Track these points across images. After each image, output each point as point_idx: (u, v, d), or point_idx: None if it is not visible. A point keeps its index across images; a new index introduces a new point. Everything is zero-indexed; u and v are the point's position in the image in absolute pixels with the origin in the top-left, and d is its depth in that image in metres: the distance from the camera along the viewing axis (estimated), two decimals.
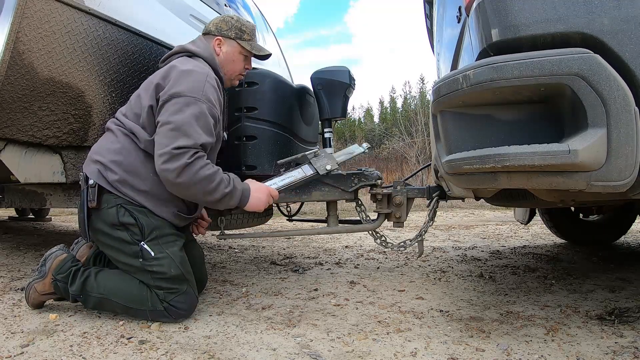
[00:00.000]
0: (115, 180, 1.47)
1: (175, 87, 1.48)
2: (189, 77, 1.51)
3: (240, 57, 1.76)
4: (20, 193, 2.53)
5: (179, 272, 1.45)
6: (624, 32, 1.03)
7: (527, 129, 1.14)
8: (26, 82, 1.60)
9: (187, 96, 1.46)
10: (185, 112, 1.44)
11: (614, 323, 1.41)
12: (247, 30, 1.76)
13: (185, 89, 1.48)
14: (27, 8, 1.53)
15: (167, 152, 1.39)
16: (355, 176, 2.04)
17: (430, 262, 2.54)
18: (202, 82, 1.52)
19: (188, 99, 1.46)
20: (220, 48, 1.73)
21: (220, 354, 1.21)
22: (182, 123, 1.42)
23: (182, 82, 1.49)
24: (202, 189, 1.43)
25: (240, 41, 1.74)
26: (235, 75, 1.79)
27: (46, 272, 1.53)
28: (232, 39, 1.74)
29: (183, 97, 1.46)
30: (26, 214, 5.38)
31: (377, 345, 1.28)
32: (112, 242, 1.48)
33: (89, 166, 1.53)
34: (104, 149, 1.54)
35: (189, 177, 1.40)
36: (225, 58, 1.74)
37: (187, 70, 1.53)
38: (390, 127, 24.56)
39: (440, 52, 2.04)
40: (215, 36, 1.73)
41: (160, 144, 1.42)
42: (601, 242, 3.09)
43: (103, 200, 1.48)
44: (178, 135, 1.41)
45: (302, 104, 2.21)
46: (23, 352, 1.21)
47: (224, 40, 1.73)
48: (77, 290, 1.48)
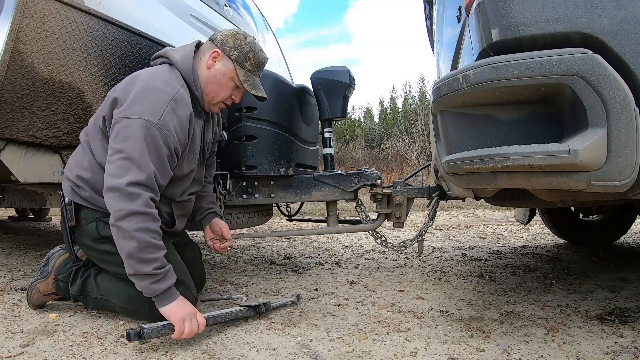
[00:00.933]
0: (87, 196, 1.43)
1: (131, 106, 1.32)
2: (150, 96, 1.34)
3: (230, 83, 1.51)
4: (20, 193, 2.53)
5: None
6: (624, 32, 1.03)
7: (527, 129, 1.14)
8: (26, 82, 1.60)
9: (141, 119, 1.29)
10: (135, 137, 1.28)
11: (614, 323, 1.41)
12: (252, 59, 1.51)
13: (141, 110, 1.31)
14: (27, 8, 1.53)
15: (118, 188, 1.25)
16: (355, 176, 2.04)
17: (430, 262, 2.54)
18: (163, 104, 1.33)
19: (141, 122, 1.29)
20: (214, 62, 1.50)
21: (220, 354, 1.21)
22: (131, 151, 1.27)
23: (140, 101, 1.33)
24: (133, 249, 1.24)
25: (238, 67, 1.50)
26: (216, 100, 1.53)
27: (49, 271, 1.53)
28: (231, 59, 1.50)
29: (136, 119, 1.30)
30: (26, 214, 5.38)
31: (377, 345, 1.28)
32: (98, 254, 1.47)
33: (64, 183, 1.49)
34: (73, 164, 1.48)
35: (131, 229, 1.23)
36: (214, 76, 1.49)
37: (149, 88, 1.36)
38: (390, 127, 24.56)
39: (440, 52, 2.04)
40: (216, 47, 1.51)
41: (111, 174, 1.28)
42: (601, 242, 3.09)
43: (82, 217, 1.44)
44: (130, 167, 1.27)
45: (302, 104, 2.21)
46: (23, 352, 1.21)
47: (222, 56, 1.50)
48: (78, 290, 1.48)
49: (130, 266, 1.27)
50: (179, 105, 1.38)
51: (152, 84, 1.37)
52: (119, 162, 1.29)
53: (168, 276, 1.30)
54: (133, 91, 1.35)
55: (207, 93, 1.51)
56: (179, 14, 2.26)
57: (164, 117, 1.32)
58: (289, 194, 2.09)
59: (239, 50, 1.50)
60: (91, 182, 1.42)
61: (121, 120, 1.31)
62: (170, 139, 1.33)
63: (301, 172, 2.18)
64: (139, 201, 1.26)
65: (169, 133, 1.33)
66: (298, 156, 2.17)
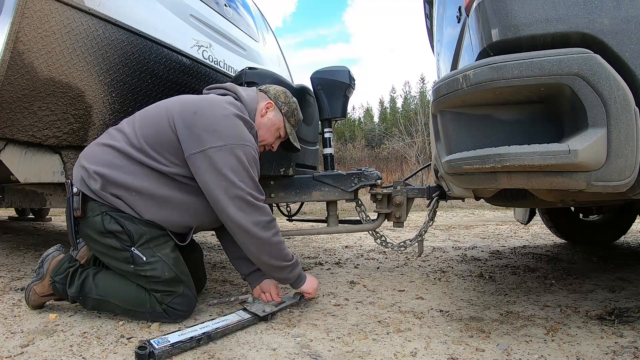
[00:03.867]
0: (96, 189, 1.43)
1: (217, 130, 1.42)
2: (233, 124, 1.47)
3: (276, 133, 1.71)
4: (20, 193, 2.53)
5: (173, 274, 1.44)
6: (624, 32, 1.03)
7: (527, 129, 1.14)
8: (26, 82, 1.60)
9: (238, 144, 1.44)
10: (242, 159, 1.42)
11: (614, 323, 1.41)
12: (296, 116, 1.75)
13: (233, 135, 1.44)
14: (27, 8, 1.53)
15: (243, 198, 1.40)
16: (355, 176, 2.04)
17: (430, 262, 2.54)
18: (247, 135, 1.50)
19: (240, 146, 1.43)
20: (266, 112, 1.68)
21: (220, 354, 1.21)
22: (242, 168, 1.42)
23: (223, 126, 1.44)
24: (273, 252, 1.47)
25: (286, 121, 1.71)
26: (262, 144, 1.70)
27: (44, 273, 1.53)
28: (281, 112, 1.70)
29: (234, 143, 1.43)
30: (26, 214, 5.38)
31: (377, 345, 1.28)
32: (102, 248, 1.47)
33: (76, 171, 1.50)
34: (93, 157, 1.48)
35: (268, 238, 1.44)
36: (265, 124, 1.67)
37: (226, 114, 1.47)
38: (390, 127, 24.57)
39: (440, 52, 2.04)
40: (269, 99, 1.70)
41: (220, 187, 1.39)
42: (601, 242, 3.09)
43: (88, 209, 1.45)
44: (244, 181, 1.42)
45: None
46: (23, 352, 1.21)
47: (274, 108, 1.69)
48: (76, 292, 1.47)
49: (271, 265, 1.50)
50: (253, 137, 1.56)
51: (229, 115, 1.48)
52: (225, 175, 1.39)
53: (297, 263, 1.56)
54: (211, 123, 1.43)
55: (258, 134, 1.65)
56: (179, 14, 2.26)
57: (253, 144, 1.50)
58: (289, 194, 2.10)
59: (288, 106, 1.72)
60: (108, 177, 1.43)
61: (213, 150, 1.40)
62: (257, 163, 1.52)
63: (301, 172, 2.18)
64: (267, 212, 1.46)
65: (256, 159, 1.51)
66: (298, 156, 2.17)
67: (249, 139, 1.48)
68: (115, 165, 1.44)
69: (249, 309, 1.48)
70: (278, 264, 1.49)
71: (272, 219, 1.47)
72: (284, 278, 1.55)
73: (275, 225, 1.48)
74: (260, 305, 1.51)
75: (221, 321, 1.38)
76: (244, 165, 1.42)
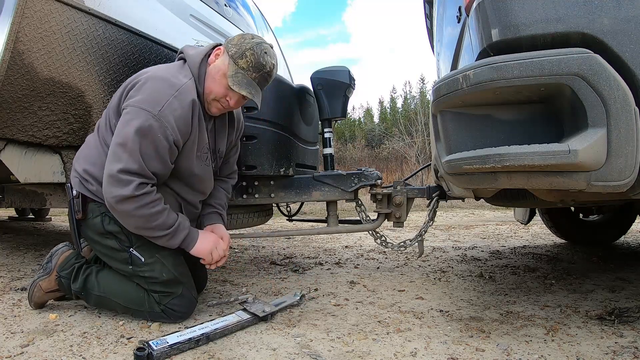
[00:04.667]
0: (94, 190, 1.44)
1: (135, 95, 1.34)
2: (154, 86, 1.35)
3: (224, 81, 1.42)
4: (20, 193, 2.53)
5: (172, 275, 1.44)
6: (624, 32, 1.03)
7: (527, 129, 1.14)
8: (26, 82, 1.60)
9: (141, 109, 1.31)
10: (131, 127, 1.30)
11: (614, 323, 1.41)
12: (250, 57, 1.41)
13: (143, 99, 1.32)
14: (27, 8, 1.53)
15: (112, 175, 1.30)
16: (355, 176, 2.04)
17: (430, 262, 2.54)
18: (165, 95, 1.33)
19: (139, 111, 1.31)
20: (215, 59, 1.47)
21: (220, 354, 1.21)
22: (126, 139, 1.30)
23: (144, 91, 1.34)
24: (139, 224, 1.35)
25: (231, 62, 1.42)
26: (210, 98, 1.45)
27: (52, 268, 1.54)
28: (229, 55, 1.43)
29: (137, 108, 1.31)
30: (26, 214, 5.38)
31: (377, 345, 1.28)
32: (103, 249, 1.48)
33: (72, 174, 1.51)
34: (82, 156, 1.50)
35: (128, 210, 1.31)
36: (210, 72, 1.45)
37: (154, 78, 1.37)
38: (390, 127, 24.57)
39: (440, 52, 2.04)
40: (221, 45, 1.51)
41: (109, 161, 1.33)
42: (601, 242, 3.09)
43: (89, 210, 1.46)
44: (121, 155, 1.30)
45: (302, 104, 2.21)
46: (23, 352, 1.21)
47: (223, 52, 1.46)
48: (79, 287, 1.49)
49: (144, 235, 1.39)
50: (182, 96, 1.36)
51: (158, 75, 1.39)
52: (115, 149, 1.32)
53: (180, 229, 1.41)
54: (140, 81, 1.38)
55: (204, 89, 1.46)
56: (179, 14, 2.26)
57: (164, 109, 1.32)
58: (289, 194, 2.10)
59: (238, 47, 1.43)
60: (98, 177, 1.43)
61: (125, 109, 1.35)
62: (169, 131, 1.33)
63: (301, 172, 2.18)
64: (130, 187, 1.29)
65: (168, 125, 1.32)
66: (298, 156, 2.17)
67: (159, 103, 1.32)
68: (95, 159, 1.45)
69: (248, 309, 1.48)
70: (154, 233, 1.37)
71: (134, 194, 1.29)
72: (168, 245, 1.42)
73: (142, 199, 1.31)
74: (260, 306, 1.51)
75: (220, 322, 1.38)
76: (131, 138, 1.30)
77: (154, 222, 1.35)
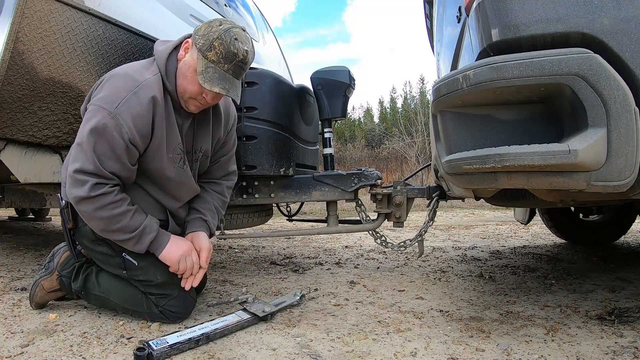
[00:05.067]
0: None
1: (99, 92, 1.31)
2: (114, 83, 1.30)
3: (196, 78, 1.32)
4: (20, 193, 2.53)
5: (166, 278, 1.42)
6: (624, 32, 1.03)
7: (527, 129, 1.14)
8: (26, 82, 1.60)
9: (98, 106, 1.27)
10: (88, 126, 1.26)
11: (614, 323, 1.41)
12: (218, 48, 1.29)
13: (101, 97, 1.28)
14: (27, 8, 1.53)
15: (70, 176, 1.28)
16: (355, 176, 2.04)
17: (430, 262, 2.54)
18: (123, 92, 1.27)
19: (97, 110, 1.26)
20: (184, 54, 1.37)
21: (220, 354, 1.21)
22: (82, 139, 1.27)
23: (106, 87, 1.30)
24: (101, 226, 1.32)
25: (200, 56, 1.31)
26: (186, 96, 1.37)
27: (54, 267, 1.54)
28: (197, 48, 1.32)
29: (95, 106, 1.27)
30: (26, 214, 5.38)
31: (377, 345, 1.28)
32: (97, 255, 1.48)
33: (62, 183, 1.49)
34: (66, 163, 1.47)
35: (88, 211, 1.29)
36: (180, 69, 1.36)
37: (116, 75, 1.33)
38: (390, 127, 24.57)
39: (440, 52, 2.04)
40: (189, 38, 1.38)
41: (69, 161, 1.32)
42: (601, 242, 3.09)
43: (79, 219, 1.43)
44: (78, 155, 1.27)
45: (302, 104, 2.21)
46: (23, 352, 1.21)
47: (192, 46, 1.35)
48: (80, 287, 1.49)
49: (111, 238, 1.36)
50: (142, 92, 1.28)
51: (121, 72, 1.34)
52: (73, 149, 1.31)
53: (145, 232, 1.35)
54: (105, 79, 1.35)
55: (177, 87, 1.37)
56: (179, 14, 2.26)
57: (120, 106, 1.25)
58: (289, 194, 2.10)
59: (205, 37, 1.31)
60: None
61: (88, 108, 1.33)
62: (124, 129, 1.26)
63: (301, 172, 2.18)
64: (85, 188, 1.26)
65: (124, 123, 1.25)
66: (298, 156, 2.17)
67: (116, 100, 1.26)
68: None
69: (248, 309, 1.48)
70: (118, 237, 1.33)
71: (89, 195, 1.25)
72: (135, 250, 1.36)
73: (99, 200, 1.26)
74: (259, 305, 1.51)
75: (220, 322, 1.38)
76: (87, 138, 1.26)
77: (115, 225, 1.30)
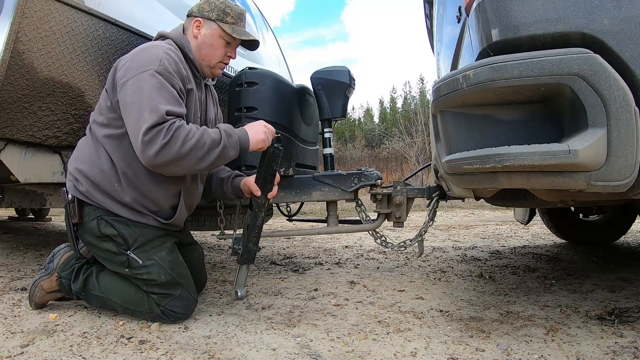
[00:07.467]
0: (84, 191, 1.43)
1: (128, 71, 1.37)
2: (144, 52, 1.41)
3: (221, 41, 1.57)
4: (20, 193, 2.53)
5: (170, 277, 1.43)
6: (624, 32, 1.03)
7: (527, 129, 1.14)
8: (26, 82, 1.60)
9: (142, 71, 1.34)
10: (143, 88, 1.32)
11: (614, 323, 1.41)
12: (231, 12, 1.58)
13: (137, 66, 1.36)
14: (27, 8, 1.53)
15: (141, 142, 1.28)
16: (355, 176, 2.04)
17: (430, 262, 2.54)
18: (158, 54, 1.39)
19: (143, 74, 1.34)
20: (199, 30, 1.57)
21: (220, 354, 1.21)
22: (142, 100, 1.31)
23: (134, 62, 1.38)
24: (194, 159, 1.34)
25: (221, 23, 1.56)
26: (214, 62, 1.59)
27: (54, 268, 1.54)
28: (212, 20, 1.56)
29: (139, 73, 1.34)
30: (26, 214, 5.38)
31: (377, 345, 1.28)
32: (100, 252, 1.48)
33: (67, 177, 1.50)
34: (73, 156, 1.50)
35: (173, 155, 1.30)
36: (203, 41, 1.56)
37: (143, 47, 1.44)
38: (390, 127, 24.56)
39: (440, 52, 2.04)
40: (195, 17, 1.58)
41: (132, 135, 1.33)
42: (601, 242, 3.09)
43: (85, 214, 1.44)
44: (141, 117, 1.29)
45: (302, 104, 2.21)
46: (23, 352, 1.21)
47: (203, 21, 1.57)
48: (79, 288, 1.49)
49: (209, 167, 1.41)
50: (172, 52, 1.43)
51: (142, 47, 1.45)
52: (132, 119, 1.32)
53: (228, 133, 1.42)
54: (127, 61, 1.40)
55: (203, 59, 1.58)
56: (179, 14, 2.26)
57: (162, 62, 1.37)
58: (289, 194, 2.09)
59: (216, 9, 1.57)
60: (88, 175, 1.42)
61: (126, 81, 1.35)
62: (174, 80, 1.38)
63: (301, 172, 2.18)
64: (161, 136, 1.28)
65: (170, 75, 1.38)
66: (298, 156, 2.17)
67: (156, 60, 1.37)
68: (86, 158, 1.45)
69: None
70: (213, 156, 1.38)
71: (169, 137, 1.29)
72: (230, 157, 1.43)
73: (177, 135, 1.30)
74: None
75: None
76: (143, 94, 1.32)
77: (204, 148, 1.35)
